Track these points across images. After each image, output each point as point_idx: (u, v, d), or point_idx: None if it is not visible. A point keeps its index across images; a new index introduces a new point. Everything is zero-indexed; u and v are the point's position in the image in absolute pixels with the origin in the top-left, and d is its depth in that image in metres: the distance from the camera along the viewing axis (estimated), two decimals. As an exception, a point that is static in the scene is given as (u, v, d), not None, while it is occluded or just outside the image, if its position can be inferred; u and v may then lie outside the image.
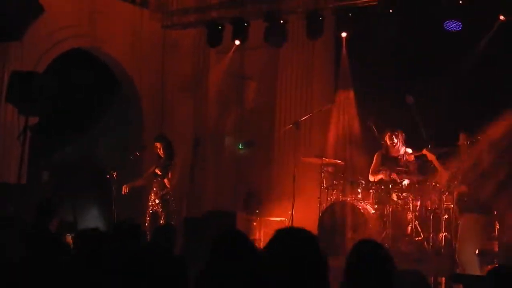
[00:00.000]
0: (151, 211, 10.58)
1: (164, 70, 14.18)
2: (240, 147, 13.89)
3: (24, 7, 10.94)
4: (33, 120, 10.22)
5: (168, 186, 10.51)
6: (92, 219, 12.70)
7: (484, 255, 8.48)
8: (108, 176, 10.76)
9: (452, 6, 10.41)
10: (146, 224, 10.53)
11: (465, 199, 8.24)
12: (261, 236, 11.53)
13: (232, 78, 14.16)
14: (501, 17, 10.15)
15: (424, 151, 9.37)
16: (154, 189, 10.63)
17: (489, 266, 9.03)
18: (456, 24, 10.72)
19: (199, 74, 14.44)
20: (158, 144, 10.73)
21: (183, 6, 14.07)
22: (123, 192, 10.67)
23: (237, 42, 12.75)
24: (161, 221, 10.33)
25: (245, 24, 12.53)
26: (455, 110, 10.86)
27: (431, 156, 9.20)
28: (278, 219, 11.80)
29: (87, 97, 12.76)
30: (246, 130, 13.99)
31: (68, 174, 12.53)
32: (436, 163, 9.19)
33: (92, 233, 4.94)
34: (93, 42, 13.17)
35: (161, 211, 10.46)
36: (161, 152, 10.66)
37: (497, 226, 9.63)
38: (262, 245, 10.24)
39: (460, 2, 10.25)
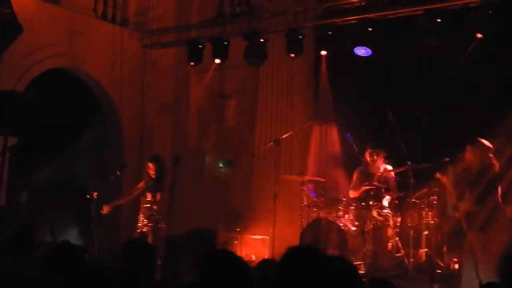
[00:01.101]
0: (139, 231, 10.48)
1: (144, 89, 14.20)
2: (220, 165, 13.90)
3: (3, 26, 10.92)
4: (12, 140, 10.15)
5: (155, 207, 10.42)
6: (72, 240, 12.57)
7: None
8: (88, 196, 10.66)
9: (430, 25, 10.52)
10: None
11: (474, 216, 8.19)
12: (242, 255, 11.49)
13: (212, 97, 14.20)
14: (478, 35, 10.25)
15: (438, 176, 9.36)
16: (142, 209, 10.53)
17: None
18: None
19: (179, 93, 14.45)
20: (151, 165, 10.60)
21: (163, 26, 14.13)
22: (103, 212, 10.55)
23: (217, 61, 12.77)
24: (150, 241, 10.24)
25: (225, 43, 12.59)
26: (434, 127, 10.97)
27: (443, 179, 9.22)
28: (259, 237, 11.79)
29: (67, 116, 12.70)
30: (226, 149, 13.99)
31: (47, 194, 12.45)
32: (448, 185, 9.18)
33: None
34: (73, 62, 13.16)
35: (150, 231, 10.37)
36: (152, 173, 10.56)
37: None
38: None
39: (438, 20, 10.35)
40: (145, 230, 10.40)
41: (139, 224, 10.48)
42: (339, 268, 3.75)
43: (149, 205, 10.38)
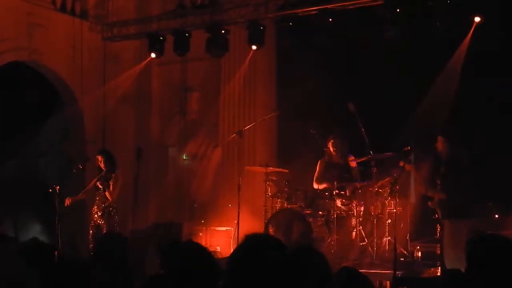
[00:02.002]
0: (93, 224, 10.52)
1: (105, 82, 14.07)
2: (184, 157, 13.88)
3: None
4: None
5: (109, 198, 10.45)
6: (35, 235, 12.45)
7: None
8: (50, 190, 10.59)
9: (389, 14, 10.62)
10: (90, 237, 10.49)
11: (447, 204, 8.33)
12: (208, 246, 11.46)
13: (175, 89, 14.14)
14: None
15: (401, 163, 9.47)
16: (97, 202, 10.58)
17: (432, 269, 9.27)
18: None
19: (141, 85, 14.36)
20: (99, 157, 10.66)
21: (123, 18, 14.01)
22: (65, 204, 10.55)
23: (179, 53, 12.73)
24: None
25: (187, 35, 12.54)
26: (394, 116, 11.09)
27: (409, 167, 9.35)
28: (224, 228, 11.80)
29: (27, 110, 12.54)
30: (189, 141, 13.96)
31: (9, 189, 12.29)
32: (414, 173, 9.30)
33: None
34: (32, 55, 12.99)
35: (104, 223, 10.41)
36: (102, 165, 10.60)
37: (438, 229, 9.86)
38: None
39: (398, 10, 10.45)
40: (99, 222, 10.42)
41: (94, 216, 10.51)
42: (305, 256, 3.77)
43: (102, 197, 10.44)
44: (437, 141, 8.66)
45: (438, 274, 8.79)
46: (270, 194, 10.93)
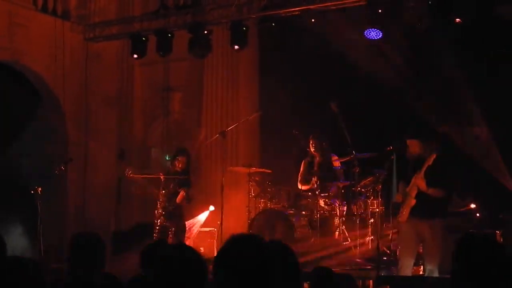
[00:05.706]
0: (159, 227, 10.40)
1: (87, 83, 13.99)
2: (167, 158, 13.85)
3: None
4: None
5: (179, 201, 10.38)
6: (17, 237, 12.38)
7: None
8: (32, 191, 10.48)
9: (371, 16, 10.67)
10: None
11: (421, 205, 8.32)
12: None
13: (157, 90, 14.12)
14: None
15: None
16: (161, 203, 10.47)
17: (414, 268, 9.31)
18: (376, 33, 11.06)
19: (124, 86, 14.31)
20: (181, 158, 10.58)
21: (106, 18, 13.95)
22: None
23: (161, 54, 12.70)
24: (170, 236, 10.26)
25: (169, 35, 12.51)
26: (376, 117, 11.15)
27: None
28: (207, 229, 11.81)
29: (8, 111, 12.45)
30: (172, 142, 13.94)
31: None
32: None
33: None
34: (13, 55, 12.90)
35: (171, 225, 10.33)
36: (181, 166, 10.52)
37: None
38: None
39: (380, 11, 10.49)
40: (166, 224, 10.31)
41: (160, 218, 10.37)
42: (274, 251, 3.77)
43: (169, 198, 10.38)
44: (407, 145, 8.53)
45: (421, 273, 8.84)
46: (253, 194, 10.95)
